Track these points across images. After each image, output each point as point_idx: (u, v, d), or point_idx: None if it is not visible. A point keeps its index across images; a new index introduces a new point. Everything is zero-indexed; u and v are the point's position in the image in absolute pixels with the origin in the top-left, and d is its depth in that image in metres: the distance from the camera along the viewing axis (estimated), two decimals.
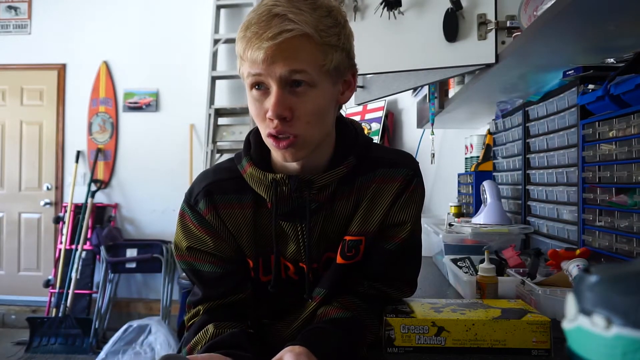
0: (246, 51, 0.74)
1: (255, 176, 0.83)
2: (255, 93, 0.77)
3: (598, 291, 0.30)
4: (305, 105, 0.76)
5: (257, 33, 0.72)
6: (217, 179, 0.87)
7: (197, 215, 0.86)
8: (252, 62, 0.74)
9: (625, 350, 0.28)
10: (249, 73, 0.76)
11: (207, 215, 0.85)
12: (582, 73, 1.17)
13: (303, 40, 0.73)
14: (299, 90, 0.75)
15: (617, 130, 1.04)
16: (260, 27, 0.72)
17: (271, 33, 0.71)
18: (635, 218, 0.98)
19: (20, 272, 4.22)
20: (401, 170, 0.88)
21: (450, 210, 2.03)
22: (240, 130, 3.72)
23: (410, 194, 0.88)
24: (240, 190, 0.85)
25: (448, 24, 1.31)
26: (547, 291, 0.98)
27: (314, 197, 0.83)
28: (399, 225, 0.88)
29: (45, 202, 4.18)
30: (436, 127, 2.18)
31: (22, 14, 4.25)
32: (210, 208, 0.85)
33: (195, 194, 0.87)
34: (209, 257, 0.87)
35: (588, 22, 0.92)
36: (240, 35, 0.75)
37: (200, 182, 0.88)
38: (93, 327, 3.53)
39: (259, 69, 0.74)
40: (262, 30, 0.72)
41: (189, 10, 4.07)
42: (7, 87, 4.26)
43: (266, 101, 0.76)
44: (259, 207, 0.86)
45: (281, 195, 0.82)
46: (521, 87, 1.53)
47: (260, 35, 0.72)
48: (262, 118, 0.78)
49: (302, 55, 0.74)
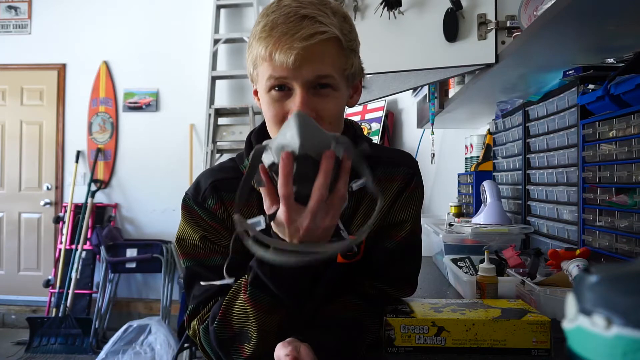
0: (273, 53, 0.71)
1: None
2: (275, 94, 0.75)
3: (598, 291, 0.30)
4: (329, 108, 0.76)
5: (287, 33, 0.70)
6: (222, 177, 0.87)
7: (207, 211, 0.84)
8: (279, 64, 0.71)
9: (625, 350, 0.28)
10: (270, 75, 0.73)
11: (217, 211, 0.84)
12: (582, 73, 1.17)
13: (332, 43, 0.73)
14: (322, 93, 0.75)
15: (617, 130, 1.04)
16: (290, 27, 0.70)
17: (305, 34, 0.70)
18: (635, 218, 0.98)
19: (20, 272, 4.22)
20: (401, 169, 0.88)
21: (450, 210, 2.03)
22: (240, 130, 3.72)
23: (410, 193, 0.88)
24: None
25: (448, 24, 1.31)
26: (547, 291, 0.98)
27: None
28: (400, 224, 0.88)
29: (45, 202, 4.18)
30: (436, 127, 2.18)
31: (22, 14, 4.25)
32: (220, 204, 0.84)
33: (203, 191, 0.85)
34: (222, 250, 0.83)
35: (588, 22, 0.92)
36: (263, 35, 0.72)
37: (206, 179, 0.87)
38: (93, 327, 3.53)
39: (285, 72, 0.72)
40: (293, 31, 0.70)
41: (189, 10, 4.07)
42: (7, 87, 4.26)
43: (288, 102, 0.75)
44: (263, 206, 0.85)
45: None
46: (521, 87, 1.53)
47: (292, 36, 0.70)
48: (279, 119, 0.76)
49: (329, 59, 0.74)
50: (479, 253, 1.40)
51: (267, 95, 0.76)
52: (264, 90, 0.76)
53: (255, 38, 0.74)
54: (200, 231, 0.84)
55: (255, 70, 0.76)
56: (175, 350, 2.89)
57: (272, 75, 0.73)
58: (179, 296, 3.63)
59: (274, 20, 0.72)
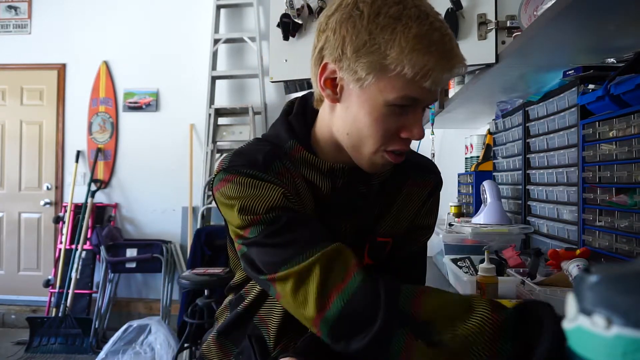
0: (428, 73, 0.65)
1: (309, 161, 0.78)
2: (397, 109, 0.70)
3: (598, 291, 0.30)
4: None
5: (446, 57, 0.66)
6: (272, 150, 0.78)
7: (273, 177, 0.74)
8: (427, 87, 0.67)
9: (625, 350, 0.28)
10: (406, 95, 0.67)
11: (283, 177, 0.75)
12: (582, 73, 1.17)
13: None
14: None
15: (617, 130, 1.04)
16: (447, 49, 0.66)
17: (458, 62, 0.67)
18: (635, 218, 0.98)
19: (20, 272, 4.22)
20: (430, 176, 0.92)
21: (450, 210, 2.03)
22: (240, 130, 3.72)
23: (435, 200, 0.93)
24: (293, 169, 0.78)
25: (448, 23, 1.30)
26: (547, 291, 0.98)
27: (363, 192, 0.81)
28: (424, 228, 0.92)
29: (45, 201, 4.18)
30: (436, 127, 2.18)
31: (22, 13, 4.25)
32: (285, 170, 0.76)
33: (262, 159, 0.75)
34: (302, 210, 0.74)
35: (588, 22, 0.92)
36: (420, 48, 0.64)
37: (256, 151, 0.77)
38: (93, 327, 3.53)
39: (425, 95, 0.69)
40: (450, 55, 0.66)
41: (189, 10, 4.07)
42: (7, 87, 4.26)
43: (404, 119, 0.71)
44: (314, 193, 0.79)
45: (336, 185, 0.79)
46: (521, 87, 1.53)
47: (449, 60, 0.66)
48: (391, 134, 0.72)
49: None
50: (479, 253, 1.41)
51: (385, 108, 0.69)
52: (384, 102, 0.69)
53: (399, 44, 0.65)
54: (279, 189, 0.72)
55: (378, 74, 0.67)
56: (175, 350, 2.89)
57: (409, 96, 0.68)
58: (179, 296, 3.63)
59: (429, 34, 0.65)
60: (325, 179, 0.78)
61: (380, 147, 0.73)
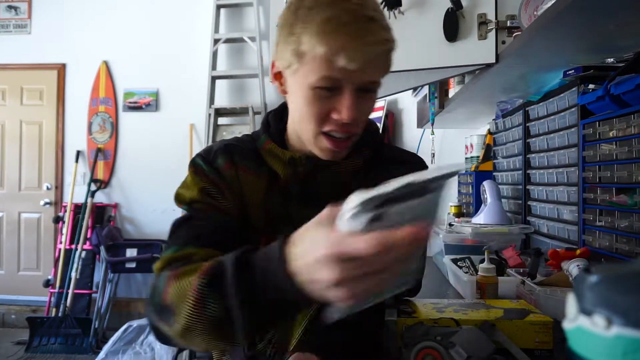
0: (337, 54, 0.67)
1: (274, 152, 0.83)
2: (323, 93, 0.72)
3: (598, 291, 0.30)
4: (368, 110, 0.77)
5: (357, 37, 0.66)
6: (237, 144, 0.86)
7: (214, 169, 0.81)
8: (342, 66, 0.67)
9: (625, 350, 0.28)
10: (325, 76, 0.69)
11: (225, 171, 0.81)
12: (582, 73, 1.17)
13: (390, 51, 0.72)
14: (366, 95, 0.75)
15: (617, 130, 1.04)
16: (359, 28, 0.66)
17: (374, 39, 0.67)
18: (635, 218, 0.98)
19: (20, 272, 4.22)
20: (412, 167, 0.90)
21: (450, 210, 2.03)
22: (240, 130, 3.72)
23: None
24: (258, 161, 0.84)
25: (448, 23, 1.31)
26: (547, 291, 0.98)
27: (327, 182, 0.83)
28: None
29: (45, 201, 4.18)
30: (436, 127, 2.18)
31: (22, 13, 4.25)
32: (230, 164, 0.82)
33: (215, 151, 0.84)
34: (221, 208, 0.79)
35: (588, 22, 0.92)
36: (326, 30, 0.67)
37: (219, 143, 0.87)
38: (93, 326, 3.53)
39: (343, 75, 0.69)
40: (363, 33, 0.66)
41: (189, 10, 4.07)
42: (7, 87, 4.26)
43: (334, 101, 0.72)
44: (272, 184, 0.83)
45: (296, 174, 0.82)
46: (521, 87, 1.53)
47: (362, 38, 0.66)
48: (322, 117, 0.74)
49: (385, 66, 0.73)
50: (479, 253, 1.40)
51: (311, 92, 0.72)
52: (309, 86, 0.72)
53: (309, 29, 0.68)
54: (201, 184, 0.80)
55: (299, 60, 0.71)
56: (175, 350, 2.89)
57: (327, 76, 0.69)
58: None
59: (337, 16, 0.66)
60: (287, 168, 0.82)
61: (318, 130, 0.75)
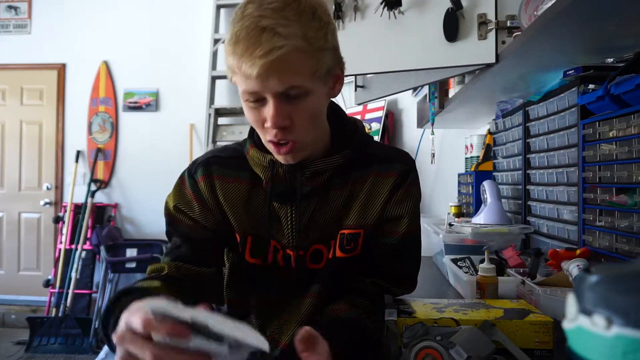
0: (239, 68, 0.72)
1: (255, 157, 0.87)
2: (251, 104, 0.76)
3: (598, 291, 0.30)
4: (303, 113, 0.76)
5: (248, 50, 0.69)
6: (220, 154, 0.93)
7: (193, 181, 0.90)
8: (246, 78, 0.72)
9: (625, 350, 0.28)
10: (244, 90, 0.75)
11: (200, 183, 0.89)
12: (582, 73, 1.17)
13: (295, 53, 0.71)
14: (295, 100, 0.75)
15: (617, 130, 1.04)
16: (250, 43, 0.69)
17: (262, 51, 0.69)
18: (635, 218, 0.98)
19: (20, 272, 4.22)
20: (396, 165, 0.91)
21: (450, 210, 2.03)
22: (240, 130, 3.72)
23: (407, 189, 0.90)
24: (240, 168, 0.90)
25: (448, 23, 1.31)
26: (547, 291, 0.98)
27: (307, 182, 0.86)
28: (397, 219, 0.89)
29: (45, 201, 4.18)
30: (436, 127, 2.18)
31: (22, 13, 4.25)
32: (205, 177, 0.89)
33: (197, 163, 0.92)
34: (190, 222, 0.89)
35: (588, 22, 0.92)
36: (230, 49, 0.72)
37: (205, 154, 0.94)
38: (93, 326, 3.53)
39: (254, 86, 0.73)
40: (253, 47, 0.69)
41: (189, 10, 4.07)
42: (7, 87, 4.26)
43: (263, 110, 0.76)
44: (255, 187, 0.89)
45: (276, 175, 0.86)
46: (521, 87, 1.53)
47: (251, 53, 0.69)
48: (260, 125, 0.78)
49: (296, 69, 0.72)
50: (479, 253, 1.40)
51: (245, 103, 0.78)
52: (241, 98, 0.78)
53: (227, 51, 0.74)
54: (175, 200, 0.91)
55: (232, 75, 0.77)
56: None
57: (245, 89, 0.75)
58: None
59: (236, 33, 0.71)
60: (267, 170, 0.87)
61: (264, 137, 0.81)
